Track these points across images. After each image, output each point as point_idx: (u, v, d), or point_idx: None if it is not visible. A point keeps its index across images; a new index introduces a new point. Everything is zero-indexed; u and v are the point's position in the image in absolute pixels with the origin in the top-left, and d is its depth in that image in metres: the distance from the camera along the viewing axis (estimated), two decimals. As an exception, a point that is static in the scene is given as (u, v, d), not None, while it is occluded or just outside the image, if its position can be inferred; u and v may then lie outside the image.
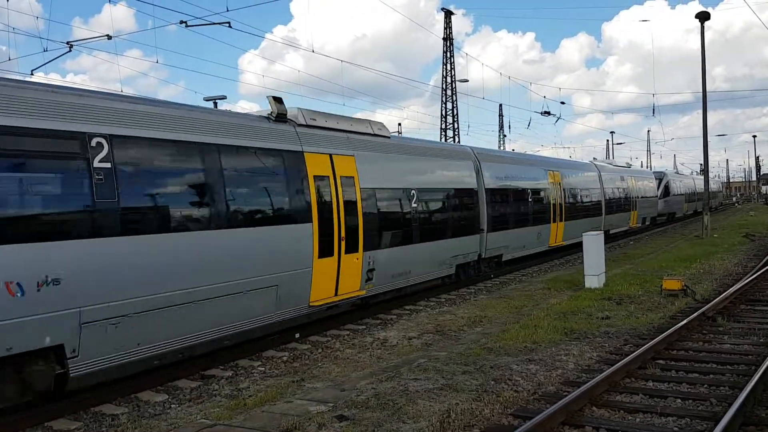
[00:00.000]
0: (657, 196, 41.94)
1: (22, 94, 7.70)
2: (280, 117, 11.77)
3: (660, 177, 46.35)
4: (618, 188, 31.76)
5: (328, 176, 12.19)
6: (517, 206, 20.80)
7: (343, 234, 12.23)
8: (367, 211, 13.08)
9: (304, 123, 12.22)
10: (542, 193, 22.80)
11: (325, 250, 11.78)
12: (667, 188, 46.18)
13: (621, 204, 32.00)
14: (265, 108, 12.32)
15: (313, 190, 11.63)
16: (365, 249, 12.90)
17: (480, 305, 14.36)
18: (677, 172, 61.92)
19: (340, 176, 12.46)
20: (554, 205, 23.55)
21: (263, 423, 7.00)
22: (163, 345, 8.94)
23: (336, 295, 12.29)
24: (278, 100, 11.83)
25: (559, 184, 24.31)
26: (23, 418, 7.57)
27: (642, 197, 35.78)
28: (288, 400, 7.87)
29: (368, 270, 13.08)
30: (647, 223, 38.40)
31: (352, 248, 12.52)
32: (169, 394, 8.79)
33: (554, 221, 23.36)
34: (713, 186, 70.98)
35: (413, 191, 14.91)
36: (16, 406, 7.71)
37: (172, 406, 8.29)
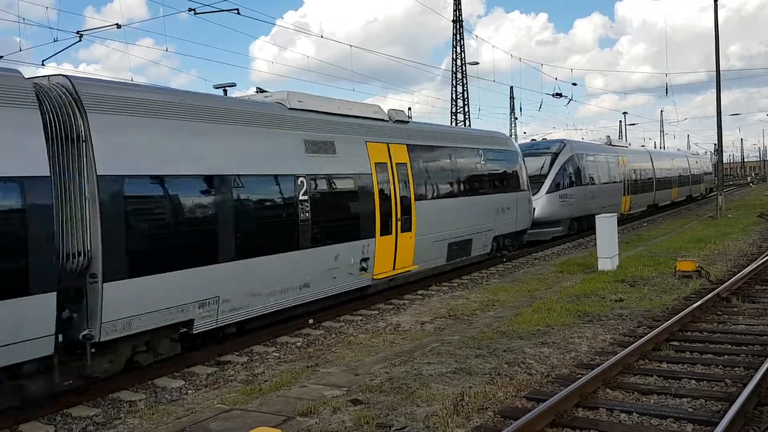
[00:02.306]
0: (532, 191, 21.20)
1: None
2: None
3: (554, 151, 25.07)
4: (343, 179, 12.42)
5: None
6: None
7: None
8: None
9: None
10: None
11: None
12: (575, 172, 25.17)
13: (330, 225, 11.86)
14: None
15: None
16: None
17: (492, 289, 14.38)
18: (610, 144, 32.97)
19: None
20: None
21: (279, 407, 7.08)
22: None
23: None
24: None
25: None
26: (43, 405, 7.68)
27: (457, 190, 16.21)
28: (303, 384, 7.95)
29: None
30: (485, 251, 17.48)
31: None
32: (185, 380, 8.90)
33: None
34: (694, 166, 47.84)
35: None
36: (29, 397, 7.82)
37: (189, 391, 8.39)
